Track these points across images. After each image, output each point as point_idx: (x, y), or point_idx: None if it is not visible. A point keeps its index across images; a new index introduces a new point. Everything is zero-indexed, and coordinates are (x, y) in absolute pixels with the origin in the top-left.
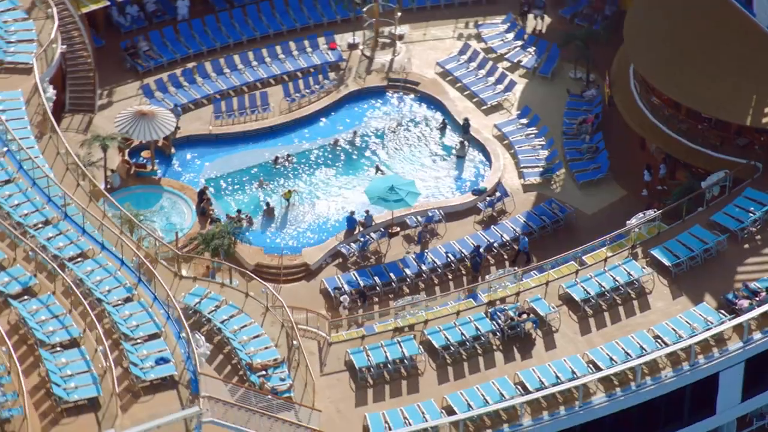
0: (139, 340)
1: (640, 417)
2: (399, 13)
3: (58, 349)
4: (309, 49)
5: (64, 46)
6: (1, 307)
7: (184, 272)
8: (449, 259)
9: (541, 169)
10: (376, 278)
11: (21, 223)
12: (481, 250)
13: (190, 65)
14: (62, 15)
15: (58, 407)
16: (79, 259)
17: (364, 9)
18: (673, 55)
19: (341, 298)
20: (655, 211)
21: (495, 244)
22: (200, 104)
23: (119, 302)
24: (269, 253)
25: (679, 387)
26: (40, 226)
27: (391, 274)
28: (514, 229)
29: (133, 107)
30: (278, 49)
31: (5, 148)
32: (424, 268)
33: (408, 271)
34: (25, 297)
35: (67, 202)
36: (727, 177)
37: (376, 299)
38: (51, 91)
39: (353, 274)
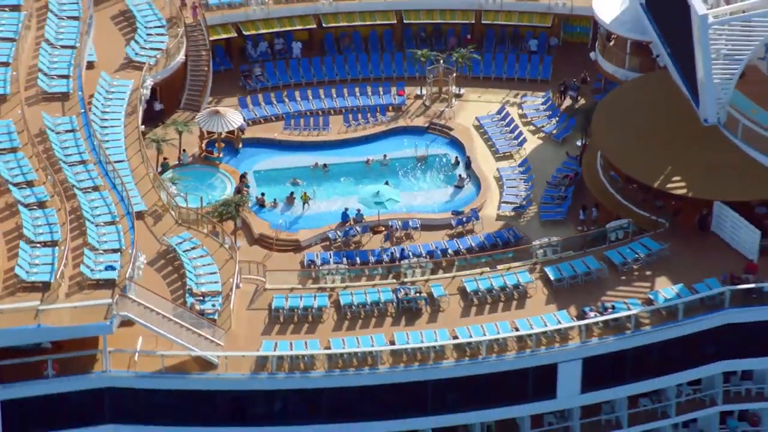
0: (101, 251)
1: (490, 385)
2: (454, 74)
3: (38, 245)
4: (381, 92)
5: (183, 58)
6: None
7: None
8: (408, 254)
9: (515, 206)
10: (344, 258)
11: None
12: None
13: (284, 90)
14: (197, 37)
15: (19, 284)
16: (90, 191)
17: (429, 69)
18: (624, 135)
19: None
20: (558, 239)
21: (449, 250)
22: (279, 118)
23: (101, 223)
24: (273, 228)
25: (522, 367)
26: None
27: (358, 258)
28: (471, 243)
29: (211, 107)
30: (357, 89)
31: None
32: (384, 257)
33: (372, 258)
34: (36, 208)
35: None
36: (630, 224)
37: None
38: (149, 82)
39: (330, 254)
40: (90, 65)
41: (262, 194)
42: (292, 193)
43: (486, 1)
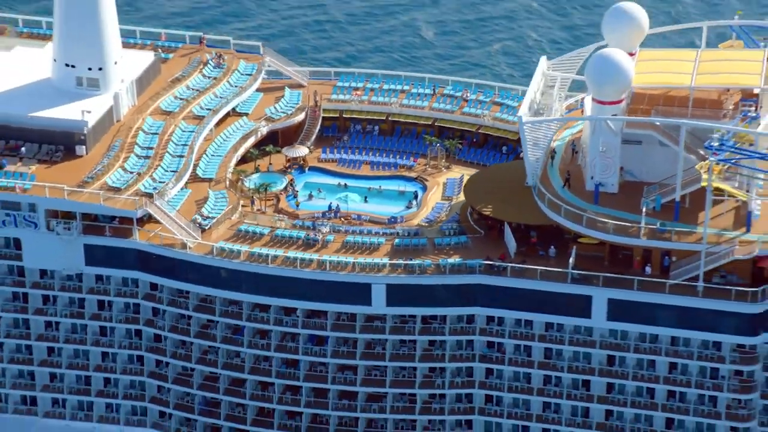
0: (159, 182)
1: (336, 288)
2: (443, 154)
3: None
4: (405, 157)
5: (299, 120)
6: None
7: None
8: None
9: (429, 221)
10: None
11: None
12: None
13: (350, 148)
14: (316, 115)
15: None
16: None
17: (430, 148)
18: (477, 191)
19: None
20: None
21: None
22: (336, 161)
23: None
24: (291, 206)
25: (351, 282)
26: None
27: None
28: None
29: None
30: (392, 154)
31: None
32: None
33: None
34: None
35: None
36: (459, 227)
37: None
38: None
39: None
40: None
41: (296, 191)
42: (311, 193)
43: (482, 120)
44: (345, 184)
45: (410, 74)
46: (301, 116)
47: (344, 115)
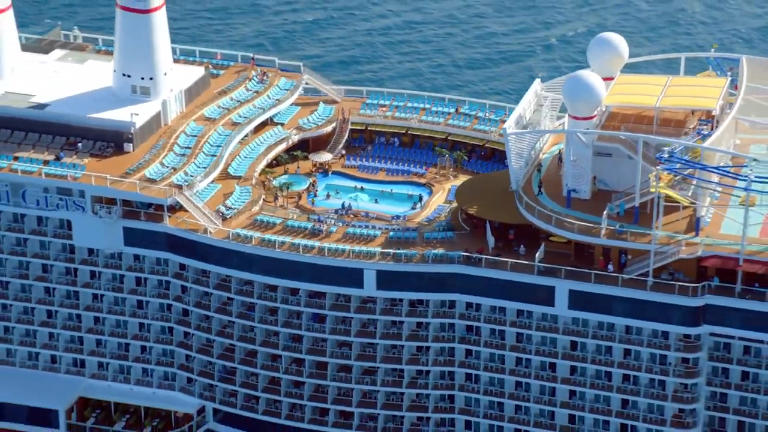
0: (191, 176)
1: (334, 272)
2: (451, 164)
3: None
4: (418, 167)
5: (328, 131)
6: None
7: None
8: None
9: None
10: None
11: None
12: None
13: (371, 156)
14: (344, 127)
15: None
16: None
17: (440, 159)
18: (467, 195)
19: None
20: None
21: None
22: (356, 167)
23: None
24: (309, 203)
25: (344, 266)
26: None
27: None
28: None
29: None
30: (406, 163)
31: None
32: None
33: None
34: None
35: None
36: (449, 224)
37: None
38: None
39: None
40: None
41: (316, 191)
42: (328, 193)
43: (489, 135)
44: (361, 187)
45: (432, 94)
46: (330, 128)
47: (369, 128)
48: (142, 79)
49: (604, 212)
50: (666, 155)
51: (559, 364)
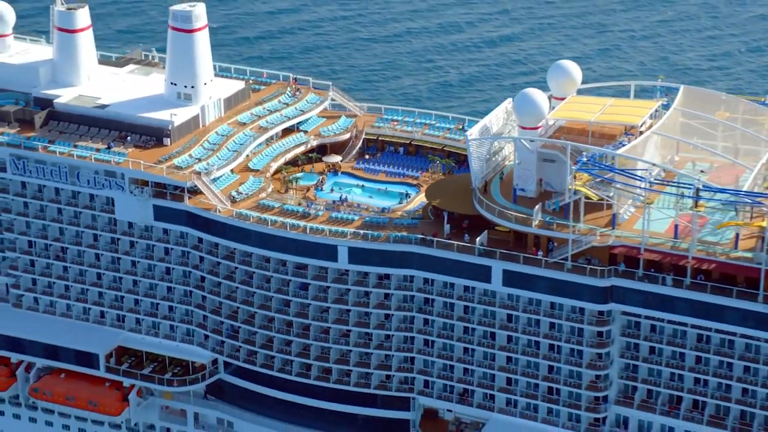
0: (211, 168)
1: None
2: (441, 171)
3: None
4: (413, 172)
5: (345, 138)
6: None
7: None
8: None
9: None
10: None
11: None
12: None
13: (379, 162)
14: (359, 137)
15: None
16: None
17: (431, 164)
18: (435, 192)
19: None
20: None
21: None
22: (363, 169)
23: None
24: (315, 195)
25: (323, 243)
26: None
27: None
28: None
29: (332, 156)
30: (404, 168)
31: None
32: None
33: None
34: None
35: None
36: (418, 216)
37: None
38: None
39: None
40: (305, 131)
41: (323, 186)
42: (332, 188)
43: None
44: (362, 185)
45: (438, 112)
46: (346, 136)
47: (380, 138)
48: (185, 87)
49: (537, 206)
50: (585, 159)
51: (498, 334)
